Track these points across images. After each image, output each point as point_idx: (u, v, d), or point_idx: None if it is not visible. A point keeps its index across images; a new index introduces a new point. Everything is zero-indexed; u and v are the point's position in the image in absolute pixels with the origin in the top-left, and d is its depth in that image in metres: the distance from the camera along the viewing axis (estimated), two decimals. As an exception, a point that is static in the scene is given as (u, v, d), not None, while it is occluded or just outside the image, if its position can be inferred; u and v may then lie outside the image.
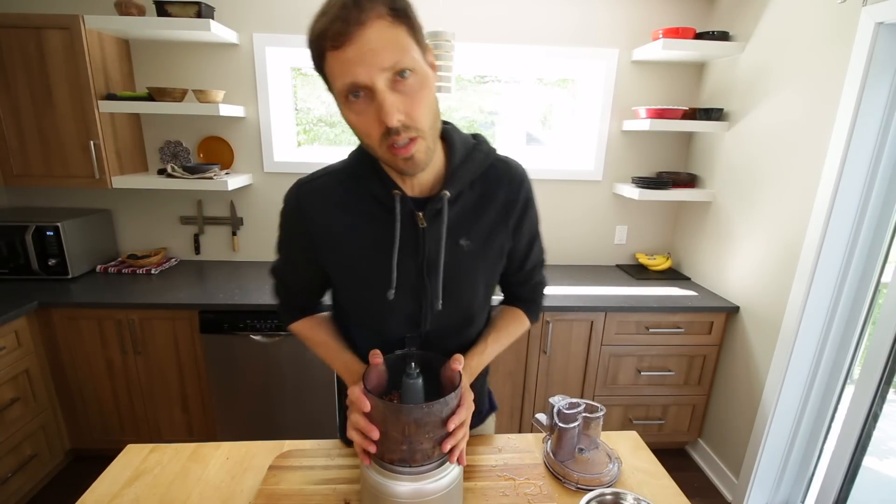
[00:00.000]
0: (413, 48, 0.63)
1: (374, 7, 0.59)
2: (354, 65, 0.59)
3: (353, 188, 0.79)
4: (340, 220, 0.79)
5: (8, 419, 1.75)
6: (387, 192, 0.75)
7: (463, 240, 0.79)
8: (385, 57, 0.59)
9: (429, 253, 0.78)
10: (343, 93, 0.63)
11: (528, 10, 2.16)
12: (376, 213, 0.77)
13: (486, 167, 0.81)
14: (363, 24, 0.58)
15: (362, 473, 0.73)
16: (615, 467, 0.92)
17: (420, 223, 0.77)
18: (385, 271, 0.77)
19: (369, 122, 0.64)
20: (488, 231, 0.82)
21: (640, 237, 2.55)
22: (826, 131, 1.59)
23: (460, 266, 0.80)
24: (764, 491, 1.91)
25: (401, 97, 0.62)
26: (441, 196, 0.75)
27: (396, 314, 0.82)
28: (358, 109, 0.64)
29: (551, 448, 0.94)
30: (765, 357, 1.86)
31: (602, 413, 0.93)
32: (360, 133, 0.66)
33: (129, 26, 1.87)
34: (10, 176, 1.96)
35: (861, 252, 1.59)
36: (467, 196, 0.80)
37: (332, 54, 0.60)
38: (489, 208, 0.81)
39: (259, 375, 1.96)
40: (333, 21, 0.59)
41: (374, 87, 0.60)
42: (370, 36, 0.58)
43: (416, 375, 0.72)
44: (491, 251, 0.83)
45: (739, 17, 2.03)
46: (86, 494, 0.85)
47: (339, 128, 2.48)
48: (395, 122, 0.61)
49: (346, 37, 0.58)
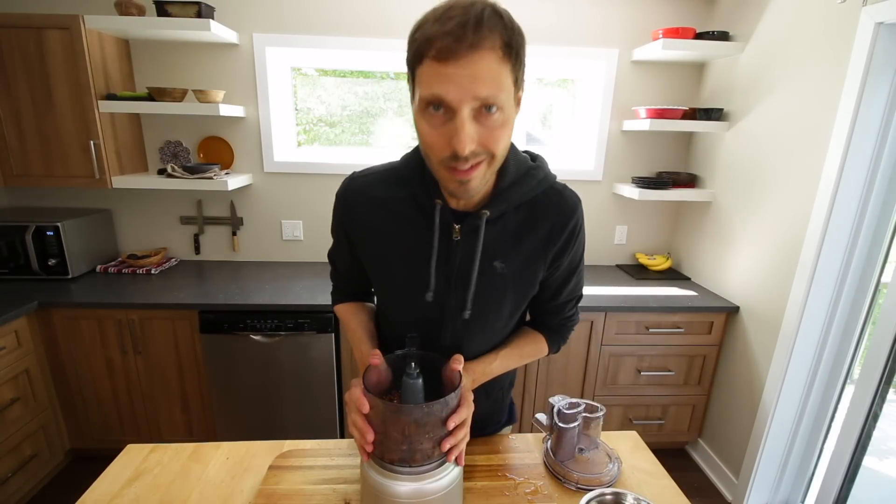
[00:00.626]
0: (509, 87, 0.62)
1: (491, 37, 0.57)
2: (449, 82, 0.58)
3: (399, 190, 0.79)
4: (381, 219, 0.80)
5: (8, 419, 1.75)
6: (429, 200, 0.76)
7: (498, 262, 0.78)
8: (481, 88, 0.58)
9: (459, 266, 0.78)
10: (425, 101, 0.61)
11: (528, 10, 2.15)
12: (416, 218, 0.78)
13: (537, 193, 0.79)
14: (475, 49, 0.56)
15: (362, 473, 0.73)
16: (615, 467, 0.92)
17: (454, 236, 0.77)
18: (415, 276, 0.78)
19: (440, 140, 0.62)
20: (525, 258, 0.80)
21: (640, 237, 2.55)
22: (826, 131, 1.59)
23: (489, 288, 0.79)
24: (764, 491, 1.91)
25: (480, 129, 0.61)
26: (480, 215, 0.74)
27: (419, 321, 0.82)
28: (433, 123, 0.62)
29: (551, 448, 0.94)
30: (765, 357, 1.86)
31: (602, 413, 0.93)
32: (425, 144, 0.65)
33: (129, 26, 1.87)
34: (10, 176, 1.96)
35: (861, 252, 1.59)
36: (510, 218, 0.78)
37: (430, 65, 0.59)
38: (531, 236, 0.79)
39: (259, 375, 1.96)
40: (447, 35, 0.56)
41: (459, 111, 0.59)
42: (477, 63, 0.57)
43: (416, 375, 0.72)
44: (524, 278, 0.82)
45: (739, 17, 2.03)
46: (86, 494, 0.85)
47: (339, 128, 2.48)
48: (467, 151, 0.61)
49: (453, 55, 0.57)
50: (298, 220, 2.40)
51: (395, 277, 0.82)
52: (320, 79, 2.42)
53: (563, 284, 0.88)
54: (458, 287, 0.79)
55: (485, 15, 0.57)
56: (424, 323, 0.82)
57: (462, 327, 0.82)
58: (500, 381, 0.98)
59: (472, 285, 0.77)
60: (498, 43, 0.58)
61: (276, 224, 2.40)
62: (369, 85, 2.43)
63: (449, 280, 0.79)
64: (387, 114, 2.46)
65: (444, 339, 0.84)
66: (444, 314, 0.82)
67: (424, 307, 0.80)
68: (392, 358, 0.77)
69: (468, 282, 0.78)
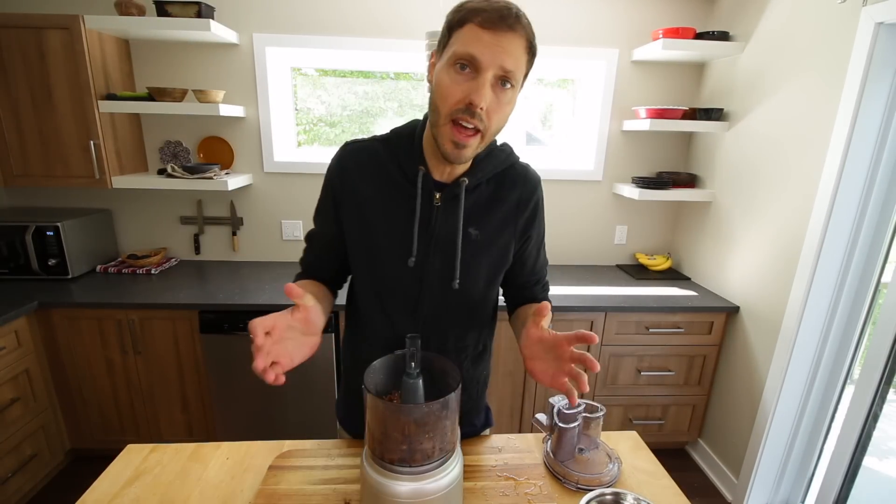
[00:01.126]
0: (522, 77, 0.73)
1: (523, 29, 0.69)
2: (486, 47, 0.67)
3: (387, 158, 0.84)
4: (368, 184, 0.84)
5: (8, 419, 1.75)
6: (414, 167, 0.81)
7: (472, 229, 0.84)
8: (509, 62, 0.68)
9: (438, 232, 0.83)
10: (456, 58, 0.69)
11: (528, 11, 2.14)
12: (401, 183, 0.83)
13: (505, 167, 0.87)
14: (513, 30, 0.68)
15: (362, 473, 0.73)
16: (615, 467, 0.92)
17: (435, 202, 0.82)
18: (398, 240, 0.82)
19: (458, 91, 0.69)
20: (497, 226, 0.87)
21: (640, 237, 2.55)
22: (826, 131, 1.59)
23: (466, 253, 0.84)
24: (764, 491, 1.91)
25: (492, 97, 0.70)
26: (460, 182, 0.82)
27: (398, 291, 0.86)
28: (457, 79, 0.69)
29: (551, 448, 0.94)
30: (765, 357, 1.86)
31: (602, 413, 0.93)
32: (442, 95, 0.71)
33: (129, 26, 1.87)
34: (10, 176, 1.96)
35: (861, 252, 1.59)
36: (483, 190, 0.85)
37: (472, 27, 0.68)
38: (501, 206, 0.86)
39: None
40: (493, 10, 0.67)
41: (485, 72, 0.68)
42: (511, 41, 0.68)
43: (416, 375, 0.72)
44: (497, 245, 0.88)
45: (739, 17, 2.03)
46: (86, 494, 0.85)
47: (339, 128, 2.48)
48: (482, 105, 0.68)
49: (496, 25, 0.67)
50: (298, 220, 2.39)
51: (378, 241, 0.84)
52: (320, 79, 2.42)
53: (538, 253, 0.97)
54: (437, 253, 0.83)
55: (521, 13, 0.70)
56: (403, 290, 0.85)
57: (440, 295, 0.85)
58: (476, 377, 0.99)
59: (458, 251, 0.82)
60: (526, 36, 0.70)
61: (276, 224, 2.40)
62: (369, 85, 2.43)
63: (428, 247, 0.83)
64: (387, 114, 2.46)
65: (422, 308, 0.86)
66: (422, 281, 0.85)
67: (405, 273, 0.83)
68: (392, 358, 0.77)
69: (450, 249, 0.83)
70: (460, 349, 0.92)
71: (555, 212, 2.46)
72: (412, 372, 0.72)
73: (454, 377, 0.73)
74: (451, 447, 0.73)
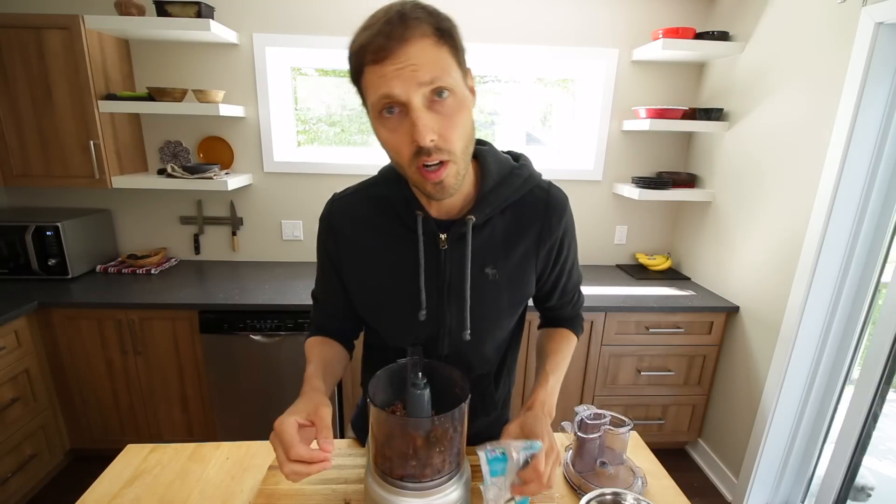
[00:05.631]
0: (454, 70, 0.61)
1: (419, 25, 0.58)
2: (391, 79, 0.58)
3: (380, 206, 0.77)
4: (365, 238, 0.78)
5: (8, 419, 1.75)
6: (410, 213, 0.74)
7: (489, 268, 0.76)
8: (424, 73, 0.58)
9: (450, 277, 0.75)
10: (377, 107, 0.61)
11: (528, 10, 2.15)
12: (401, 233, 0.76)
13: (523, 194, 0.77)
14: (406, 41, 0.57)
15: (366, 489, 0.70)
16: (639, 484, 0.88)
17: (441, 245, 0.74)
18: (405, 294, 0.76)
19: (401, 140, 0.62)
20: (517, 262, 0.78)
21: (640, 237, 2.55)
22: (826, 131, 1.59)
23: (484, 296, 0.77)
24: (764, 491, 1.91)
25: (436, 117, 0.60)
26: (465, 221, 0.72)
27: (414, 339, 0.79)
28: (391, 126, 0.62)
29: (571, 458, 0.92)
30: (765, 357, 1.86)
31: (629, 428, 0.88)
32: (391, 151, 0.65)
33: (129, 26, 1.87)
34: (10, 176, 1.96)
35: (861, 252, 1.59)
36: (497, 222, 0.76)
37: (370, 68, 0.59)
38: (521, 238, 0.77)
39: (259, 375, 1.96)
40: (376, 35, 0.58)
41: (409, 103, 0.58)
42: (412, 52, 0.57)
43: (423, 386, 0.67)
44: (517, 283, 0.79)
45: (739, 17, 2.03)
46: (86, 494, 0.85)
47: (339, 127, 2.48)
48: (428, 141, 0.59)
49: (386, 51, 0.57)
50: (298, 220, 2.39)
51: (385, 298, 0.78)
52: (320, 79, 2.42)
53: (568, 279, 0.88)
54: (452, 299, 0.76)
55: (406, 9, 0.58)
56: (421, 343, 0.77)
57: (460, 342, 0.78)
58: (498, 396, 0.93)
59: (467, 298, 0.74)
60: (428, 30, 0.58)
61: (276, 224, 2.40)
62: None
63: (441, 293, 0.76)
64: (387, 114, 2.46)
65: (442, 353, 0.81)
66: (440, 331, 0.79)
67: (418, 326, 0.77)
68: (395, 367, 0.73)
69: (461, 293, 0.75)
70: (485, 383, 0.88)
71: (555, 212, 2.46)
72: (419, 383, 0.67)
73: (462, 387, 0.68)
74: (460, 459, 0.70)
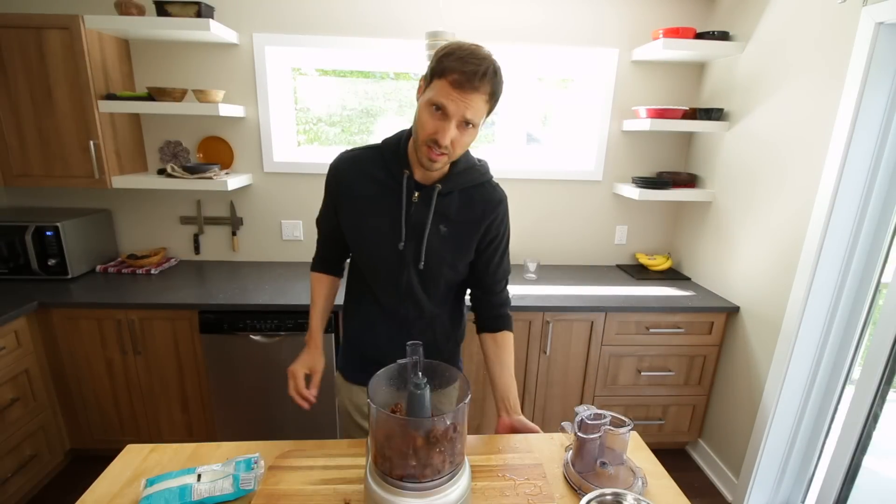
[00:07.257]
0: (484, 115, 0.94)
1: (485, 86, 0.88)
2: (452, 102, 0.88)
3: (378, 162, 1.06)
4: (362, 184, 1.05)
5: (8, 419, 1.75)
6: (400, 170, 1.02)
7: (442, 226, 1.05)
8: (470, 113, 0.89)
9: (415, 223, 1.03)
10: (431, 103, 0.90)
11: (528, 10, 2.15)
12: (389, 184, 1.04)
13: (476, 183, 1.07)
14: (475, 92, 0.88)
15: (366, 489, 0.71)
16: (639, 484, 0.88)
17: (414, 199, 1.03)
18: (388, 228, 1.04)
19: (431, 127, 0.91)
20: (462, 227, 1.07)
21: (640, 237, 2.55)
22: (826, 131, 1.59)
23: (435, 244, 1.05)
24: (764, 491, 1.91)
25: (457, 133, 0.92)
26: (434, 187, 1.03)
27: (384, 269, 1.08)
28: (431, 116, 0.91)
29: (571, 458, 0.92)
30: (765, 357, 1.86)
31: (629, 428, 0.89)
32: (420, 125, 0.93)
33: (129, 26, 1.87)
34: (10, 176, 1.96)
35: (861, 252, 1.59)
36: (455, 197, 1.06)
37: (445, 84, 0.88)
38: (467, 213, 1.06)
39: (259, 375, 1.96)
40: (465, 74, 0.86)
41: (451, 119, 0.89)
42: (472, 99, 0.88)
43: (424, 386, 0.68)
44: (460, 243, 1.08)
45: (739, 17, 2.03)
46: (86, 494, 0.85)
47: (339, 127, 2.48)
48: (446, 143, 0.91)
49: (462, 88, 0.87)
50: (298, 220, 2.39)
51: (372, 230, 1.05)
52: (320, 79, 2.42)
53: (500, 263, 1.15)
54: (413, 239, 1.04)
55: (488, 72, 0.88)
56: (390, 268, 1.07)
57: (416, 274, 1.07)
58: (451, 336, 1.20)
59: (424, 239, 1.03)
60: (489, 91, 0.90)
61: (276, 224, 2.40)
62: (369, 85, 2.43)
63: (407, 234, 1.04)
64: (387, 114, 2.46)
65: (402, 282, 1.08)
66: (402, 261, 1.06)
67: (393, 254, 1.05)
68: (395, 367, 0.73)
69: (421, 236, 1.03)
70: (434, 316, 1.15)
71: (554, 212, 2.45)
72: (419, 382, 0.68)
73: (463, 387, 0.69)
74: (460, 459, 0.70)
